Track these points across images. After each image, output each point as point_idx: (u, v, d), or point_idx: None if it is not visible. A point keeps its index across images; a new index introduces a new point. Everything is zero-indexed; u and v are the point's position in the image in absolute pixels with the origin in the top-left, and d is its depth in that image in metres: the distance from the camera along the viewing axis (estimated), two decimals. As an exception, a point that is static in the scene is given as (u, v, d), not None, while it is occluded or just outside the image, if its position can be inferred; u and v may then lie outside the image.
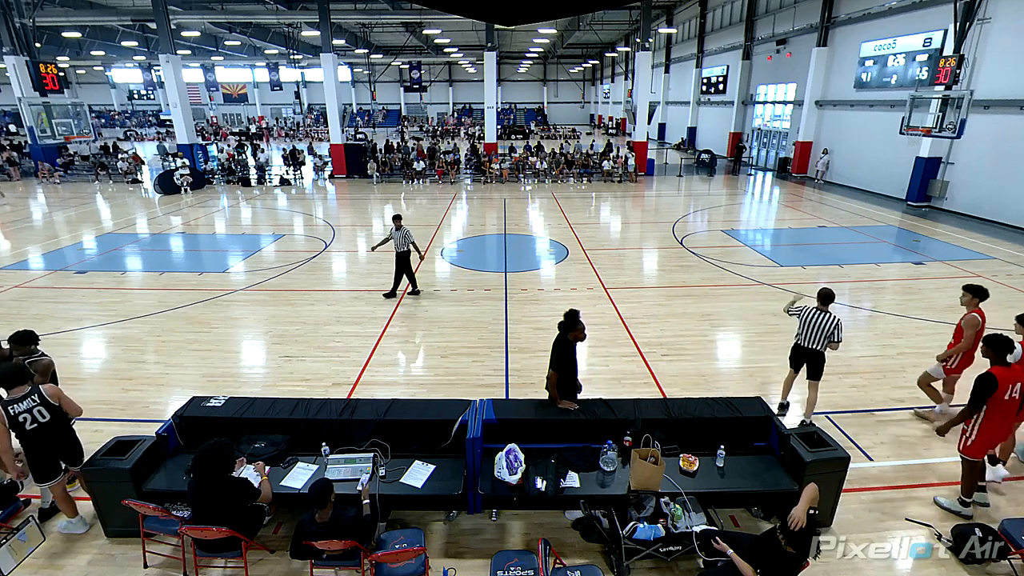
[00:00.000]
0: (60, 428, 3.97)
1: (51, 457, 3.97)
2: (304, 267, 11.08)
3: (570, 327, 4.55)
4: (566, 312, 4.60)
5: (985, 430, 4.20)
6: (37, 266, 11.18)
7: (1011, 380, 4.09)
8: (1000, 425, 4.23)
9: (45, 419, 3.85)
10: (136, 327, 8.10)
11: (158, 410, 5.82)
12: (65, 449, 4.03)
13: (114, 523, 4.08)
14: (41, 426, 3.84)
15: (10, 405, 3.77)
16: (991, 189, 14.42)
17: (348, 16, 28.24)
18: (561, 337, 4.58)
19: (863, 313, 8.61)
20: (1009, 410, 4.18)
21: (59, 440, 3.97)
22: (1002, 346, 4.17)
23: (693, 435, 4.49)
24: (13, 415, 3.76)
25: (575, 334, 4.56)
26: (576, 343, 4.64)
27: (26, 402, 3.80)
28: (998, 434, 4.30)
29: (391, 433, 4.41)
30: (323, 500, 3.37)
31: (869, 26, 18.53)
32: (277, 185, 22.23)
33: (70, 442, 4.06)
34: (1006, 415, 4.20)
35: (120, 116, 56.38)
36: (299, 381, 6.51)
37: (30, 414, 3.80)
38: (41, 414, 3.84)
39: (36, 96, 21.18)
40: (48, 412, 3.87)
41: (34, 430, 3.82)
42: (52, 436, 3.91)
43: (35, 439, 3.85)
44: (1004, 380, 4.07)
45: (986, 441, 4.25)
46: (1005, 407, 4.14)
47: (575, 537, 4.14)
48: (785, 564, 3.12)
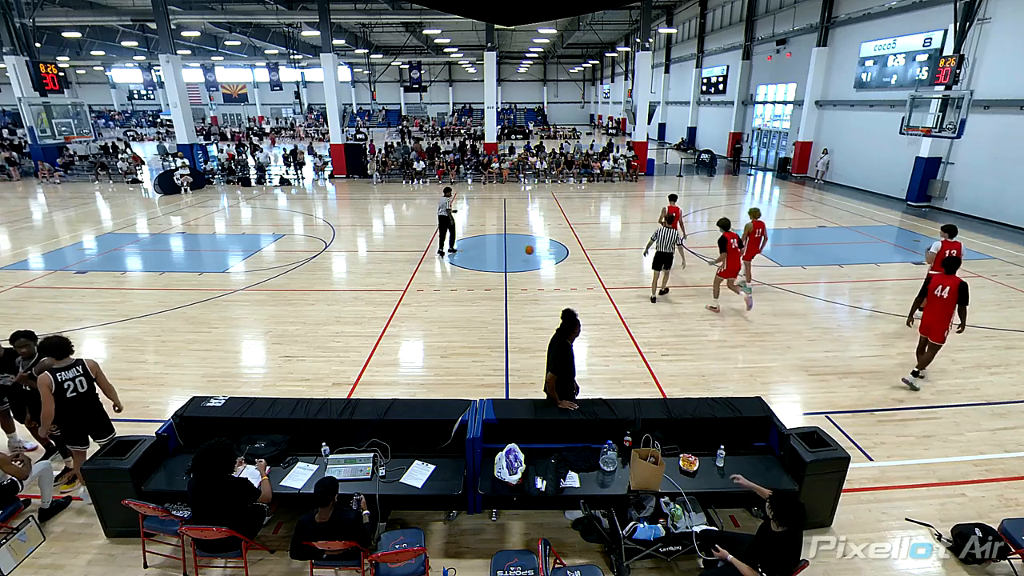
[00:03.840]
0: (94, 400, 4.46)
1: (83, 425, 4.44)
2: (304, 267, 11.09)
3: (567, 325, 4.53)
4: (563, 312, 4.58)
5: None
6: (37, 266, 11.18)
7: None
8: None
9: (84, 389, 4.35)
10: (136, 327, 8.10)
11: (158, 410, 5.82)
12: (96, 421, 4.49)
13: (114, 523, 4.08)
14: (80, 395, 4.32)
15: (59, 372, 4.23)
16: (991, 189, 14.41)
17: (348, 16, 28.23)
18: (559, 338, 4.55)
19: (863, 313, 8.61)
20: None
21: (92, 410, 4.45)
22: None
23: (693, 435, 4.48)
24: (60, 382, 4.22)
25: (571, 333, 4.54)
26: (572, 343, 4.63)
27: (72, 371, 4.29)
28: None
29: (391, 433, 4.41)
30: (327, 498, 3.38)
31: (869, 26, 18.54)
32: (277, 185, 22.24)
33: (99, 415, 4.52)
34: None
35: (120, 116, 56.32)
36: (299, 381, 6.51)
37: (74, 383, 4.28)
38: (82, 384, 4.33)
39: (36, 96, 21.17)
40: (87, 383, 4.37)
41: (73, 398, 4.30)
42: (87, 406, 4.40)
43: (73, 406, 4.32)
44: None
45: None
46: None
47: (575, 537, 4.14)
48: (780, 547, 3.13)
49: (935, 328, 6.06)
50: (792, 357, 7.09)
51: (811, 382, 6.49)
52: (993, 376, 6.58)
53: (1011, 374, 6.61)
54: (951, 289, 5.90)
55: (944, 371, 6.67)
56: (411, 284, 9.96)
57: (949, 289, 5.90)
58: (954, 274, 6.02)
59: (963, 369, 6.74)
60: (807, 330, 7.91)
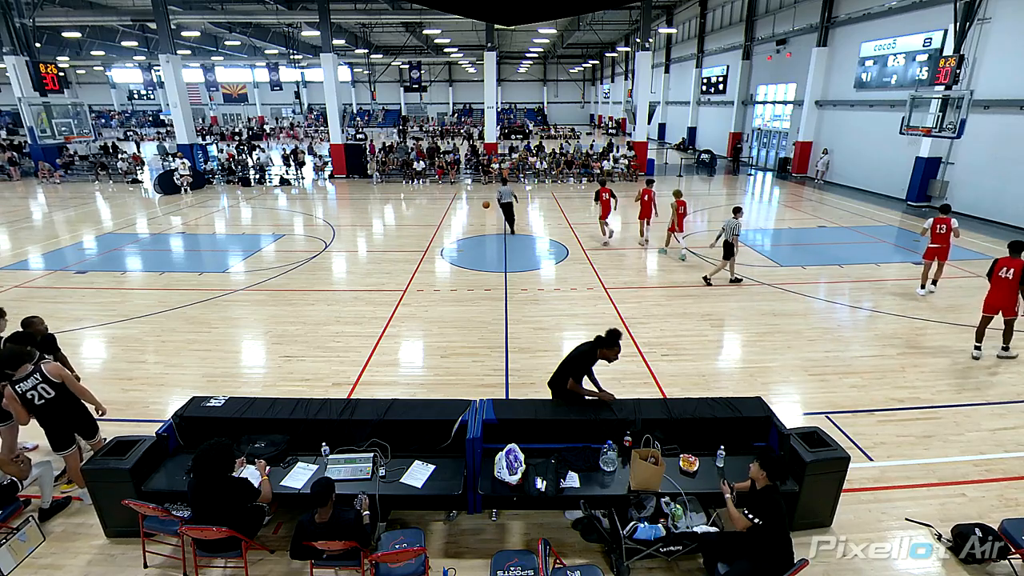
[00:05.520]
0: (68, 403, 4.32)
1: (63, 429, 4.34)
2: (304, 267, 11.08)
3: (608, 345, 4.54)
4: (609, 330, 4.59)
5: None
6: (37, 266, 11.17)
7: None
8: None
9: (51, 395, 4.22)
10: (136, 327, 8.10)
11: (158, 410, 5.81)
12: (77, 422, 4.40)
13: (114, 523, 4.08)
14: (48, 402, 4.22)
15: (17, 384, 4.15)
16: (991, 189, 14.40)
17: (348, 16, 28.22)
18: (591, 349, 4.58)
19: (863, 313, 8.60)
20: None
21: (69, 414, 4.34)
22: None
23: (693, 435, 4.48)
24: (21, 392, 4.14)
25: (608, 353, 4.56)
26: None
27: (30, 380, 4.16)
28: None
29: (391, 433, 4.40)
30: (324, 499, 3.37)
31: (869, 26, 18.53)
32: (277, 185, 22.24)
33: (80, 416, 4.42)
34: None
35: (120, 116, 56.25)
36: (299, 381, 6.50)
37: (36, 391, 4.17)
38: (45, 391, 4.20)
39: (36, 96, 21.13)
40: (52, 388, 4.23)
41: (43, 405, 4.21)
42: (61, 410, 4.29)
43: (46, 413, 4.24)
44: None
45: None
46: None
47: (575, 537, 4.13)
48: (767, 499, 3.39)
49: (1007, 306, 6.67)
50: (792, 357, 7.08)
51: (811, 382, 6.48)
52: (992, 376, 6.57)
53: (1011, 374, 6.61)
54: (1015, 271, 6.50)
55: (943, 371, 6.67)
56: (411, 284, 9.96)
57: (1014, 271, 6.51)
58: (1019, 257, 6.54)
59: (964, 369, 6.73)
60: (807, 330, 7.90)
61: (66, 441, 4.37)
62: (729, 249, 9.58)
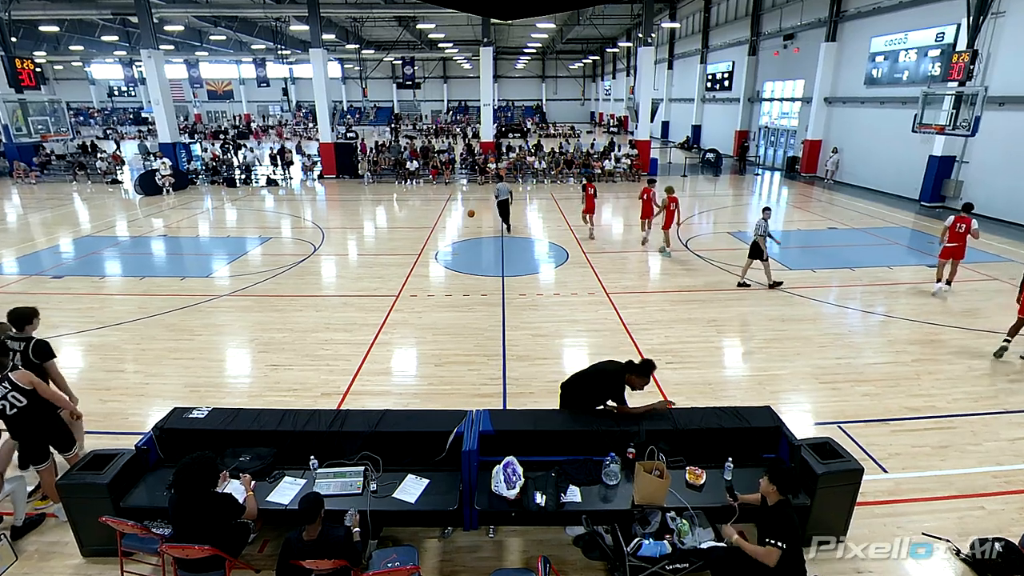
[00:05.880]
0: (41, 413, 4.15)
1: (36, 441, 4.18)
2: (292, 271, 10.87)
3: (639, 373, 4.44)
4: (645, 360, 4.50)
5: None
6: (11, 271, 10.94)
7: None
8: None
9: (22, 404, 4.06)
10: (115, 334, 7.90)
11: (138, 422, 5.64)
12: (51, 434, 4.24)
13: (90, 541, 3.97)
14: (20, 411, 4.06)
15: None
16: (1007, 188, 14.17)
17: (338, 10, 27.36)
18: (620, 374, 4.48)
19: (875, 318, 8.42)
20: None
21: (42, 425, 4.18)
22: None
23: (700, 446, 4.36)
24: None
25: (636, 381, 4.46)
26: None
27: None
28: None
29: (383, 445, 4.29)
30: (312, 515, 3.27)
31: (879, 20, 18.30)
32: (264, 186, 21.85)
33: (55, 427, 4.26)
34: None
35: (100, 113, 55.44)
36: (286, 391, 6.36)
37: (5, 400, 4.01)
38: (16, 399, 4.04)
39: (12, 93, 20.73)
40: (24, 397, 4.06)
41: (14, 415, 4.05)
42: (33, 421, 4.12)
43: (17, 424, 4.08)
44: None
45: None
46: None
47: (576, 554, 4.01)
48: (780, 515, 3.29)
49: None
50: (802, 364, 6.92)
51: (822, 390, 6.33)
52: (1011, 384, 6.40)
53: (1031, 381, 6.42)
54: None
55: (960, 378, 6.50)
56: (404, 289, 9.77)
57: None
58: None
59: (979, 376, 6.57)
60: (817, 336, 7.72)
61: (41, 455, 4.20)
62: (756, 249, 9.47)
